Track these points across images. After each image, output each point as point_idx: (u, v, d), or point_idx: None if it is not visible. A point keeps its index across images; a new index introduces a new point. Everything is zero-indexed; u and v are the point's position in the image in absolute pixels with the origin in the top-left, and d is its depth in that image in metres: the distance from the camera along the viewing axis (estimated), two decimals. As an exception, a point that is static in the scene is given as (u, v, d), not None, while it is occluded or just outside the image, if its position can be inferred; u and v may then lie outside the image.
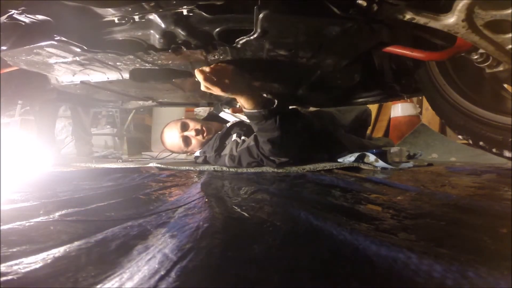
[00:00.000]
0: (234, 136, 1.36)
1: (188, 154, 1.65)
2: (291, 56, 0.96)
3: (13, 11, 0.74)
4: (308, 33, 0.81)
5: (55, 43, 0.82)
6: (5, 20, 0.76)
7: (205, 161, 1.52)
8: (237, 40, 0.82)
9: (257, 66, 1.04)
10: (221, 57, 0.96)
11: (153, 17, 0.79)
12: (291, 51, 0.92)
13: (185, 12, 0.75)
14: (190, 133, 1.51)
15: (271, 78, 1.22)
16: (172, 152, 1.70)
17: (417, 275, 0.28)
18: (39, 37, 0.81)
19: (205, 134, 1.51)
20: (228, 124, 1.52)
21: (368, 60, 1.20)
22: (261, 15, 0.70)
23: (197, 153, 1.57)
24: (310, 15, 0.72)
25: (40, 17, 0.78)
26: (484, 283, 0.26)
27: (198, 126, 1.52)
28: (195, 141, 1.52)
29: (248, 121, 1.27)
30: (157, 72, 1.06)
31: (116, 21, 0.79)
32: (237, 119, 1.58)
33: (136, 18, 0.78)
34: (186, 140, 1.52)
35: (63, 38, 0.80)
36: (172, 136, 1.55)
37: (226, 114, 1.66)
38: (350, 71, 1.15)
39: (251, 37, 0.79)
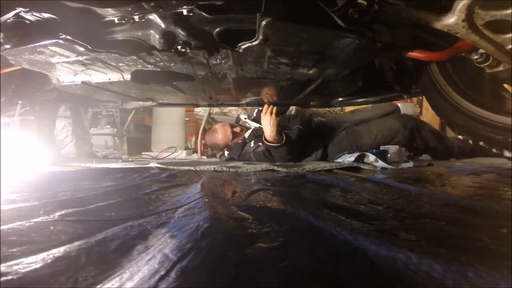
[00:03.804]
0: (252, 144, 1.83)
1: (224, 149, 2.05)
2: (292, 64, 0.96)
3: (20, 9, 0.74)
4: (310, 43, 0.80)
5: (61, 41, 0.81)
6: (10, 18, 0.76)
7: (229, 158, 1.98)
8: (239, 45, 0.82)
9: (258, 72, 1.05)
10: (223, 61, 0.96)
11: (153, 17, 0.79)
12: (292, 59, 0.92)
13: (185, 12, 0.75)
14: (237, 129, 2.02)
15: (271, 85, 1.23)
16: (214, 145, 2.10)
17: (417, 275, 0.28)
18: (45, 35, 0.81)
19: (243, 133, 1.98)
20: (246, 135, 1.94)
21: (368, 60, 1.20)
22: (263, 22, 0.70)
23: (226, 154, 2.01)
24: (313, 25, 0.72)
25: (46, 15, 0.77)
26: (484, 283, 0.26)
27: (239, 128, 2.05)
28: (237, 138, 1.98)
29: (258, 127, 1.90)
30: (158, 74, 1.06)
31: (116, 21, 0.79)
32: (252, 127, 1.99)
33: (136, 18, 0.78)
34: (234, 134, 1.99)
35: (69, 37, 0.80)
36: (225, 132, 2.00)
37: (249, 121, 2.10)
38: (352, 79, 1.15)
39: (253, 43, 0.79)
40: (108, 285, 0.29)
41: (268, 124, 1.63)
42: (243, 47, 0.82)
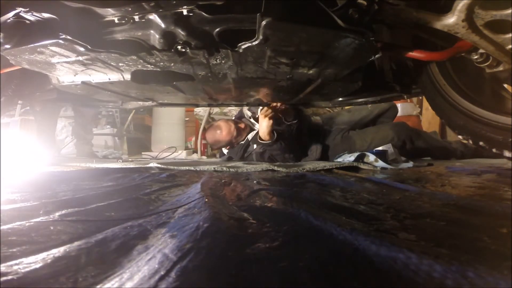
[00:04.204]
0: (255, 146, 1.89)
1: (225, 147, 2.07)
2: (292, 64, 0.96)
3: (20, 9, 0.74)
4: (310, 43, 0.80)
5: (61, 41, 0.81)
6: (10, 18, 0.76)
7: (229, 158, 2.03)
8: (239, 44, 0.82)
9: (259, 73, 1.05)
10: (223, 61, 0.95)
11: (153, 17, 0.79)
12: (292, 59, 0.92)
13: (185, 12, 0.75)
14: (241, 126, 2.02)
15: (272, 86, 1.23)
16: (216, 142, 2.06)
17: (417, 275, 0.28)
18: (45, 35, 0.81)
19: (247, 130, 2.01)
20: (249, 137, 1.96)
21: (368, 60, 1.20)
22: (263, 22, 0.70)
23: (225, 152, 2.06)
24: (314, 25, 0.72)
25: (46, 15, 0.77)
26: (484, 283, 0.26)
27: (243, 125, 2.06)
28: (241, 135, 1.99)
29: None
30: (158, 74, 1.06)
31: (116, 21, 0.79)
32: (256, 130, 1.98)
33: (136, 18, 0.78)
34: (238, 131, 1.99)
35: (69, 37, 0.80)
36: (228, 128, 1.99)
37: (253, 122, 2.09)
38: (352, 79, 1.15)
39: (253, 43, 0.79)
40: (108, 285, 0.29)
41: (261, 125, 1.72)
42: (243, 47, 0.82)
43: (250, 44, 0.80)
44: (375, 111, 2.07)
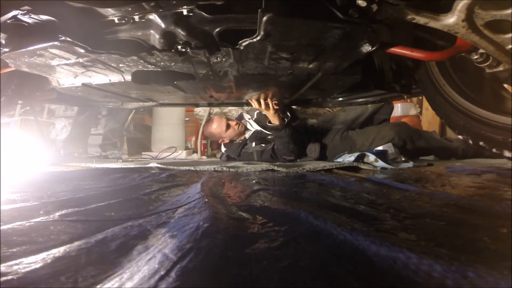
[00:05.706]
0: (253, 144, 1.98)
1: (219, 141, 2.21)
2: (293, 59, 0.96)
3: (18, 11, 0.73)
4: (311, 36, 0.80)
5: (59, 44, 0.81)
6: (8, 21, 0.76)
7: (228, 158, 2.13)
8: (239, 42, 0.82)
9: (258, 69, 1.05)
10: (223, 59, 0.95)
11: (153, 17, 0.79)
12: (293, 54, 0.92)
13: (185, 12, 0.75)
14: (232, 123, 2.13)
15: (272, 82, 1.23)
16: (210, 134, 2.22)
17: (417, 275, 0.28)
18: (44, 37, 0.81)
19: (239, 127, 2.11)
20: (247, 136, 2.07)
21: (368, 60, 1.20)
22: (264, 18, 0.70)
23: (223, 150, 2.17)
24: (313, 18, 0.72)
25: (44, 17, 0.77)
26: (484, 283, 0.26)
27: (234, 122, 2.16)
28: (232, 130, 2.10)
29: (259, 130, 2.03)
30: (159, 74, 1.06)
31: (116, 21, 0.79)
32: (253, 130, 2.07)
33: (136, 18, 0.78)
34: (228, 126, 2.10)
35: (68, 39, 0.80)
36: (219, 122, 2.13)
37: (251, 122, 2.15)
38: (351, 72, 1.15)
39: (254, 40, 0.79)
40: (108, 285, 0.29)
41: (269, 114, 1.75)
42: (244, 44, 0.82)
43: (251, 41, 0.80)
44: (370, 108, 2.06)
